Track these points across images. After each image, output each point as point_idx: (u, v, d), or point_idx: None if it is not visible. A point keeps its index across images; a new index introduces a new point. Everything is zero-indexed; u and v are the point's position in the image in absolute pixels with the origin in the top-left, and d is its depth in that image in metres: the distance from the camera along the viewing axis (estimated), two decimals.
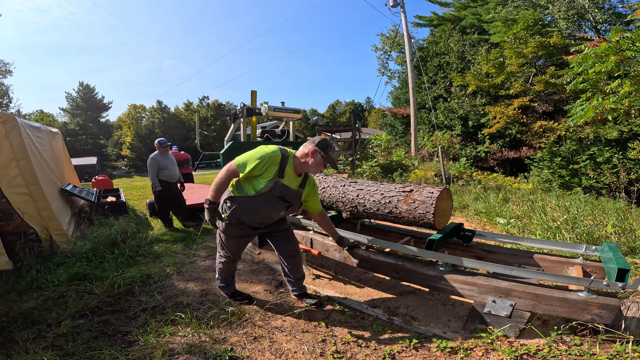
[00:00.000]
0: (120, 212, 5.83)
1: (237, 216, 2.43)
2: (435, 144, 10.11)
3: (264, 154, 2.27)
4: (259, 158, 2.26)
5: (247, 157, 2.30)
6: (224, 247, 2.65)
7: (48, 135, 5.45)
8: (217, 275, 2.86)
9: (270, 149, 2.32)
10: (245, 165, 2.28)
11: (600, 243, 3.65)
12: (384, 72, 27.48)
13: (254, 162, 2.25)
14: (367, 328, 2.40)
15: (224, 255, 2.69)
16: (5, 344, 2.25)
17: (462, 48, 17.06)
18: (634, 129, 9.56)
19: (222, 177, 2.33)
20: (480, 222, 5.34)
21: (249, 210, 2.41)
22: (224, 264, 2.75)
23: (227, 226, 2.49)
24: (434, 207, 2.56)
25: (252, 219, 2.46)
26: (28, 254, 3.64)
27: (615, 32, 5.36)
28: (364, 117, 51.70)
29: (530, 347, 1.93)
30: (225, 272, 2.80)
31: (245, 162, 2.29)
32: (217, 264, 2.81)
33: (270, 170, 2.29)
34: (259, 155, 2.27)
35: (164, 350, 2.10)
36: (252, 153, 2.31)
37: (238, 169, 2.30)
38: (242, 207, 2.40)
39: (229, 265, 2.76)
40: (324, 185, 3.48)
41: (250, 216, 2.44)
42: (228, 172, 2.33)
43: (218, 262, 2.78)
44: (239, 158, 2.32)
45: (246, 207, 2.40)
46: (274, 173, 2.31)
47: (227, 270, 2.79)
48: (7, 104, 29.58)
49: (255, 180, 2.33)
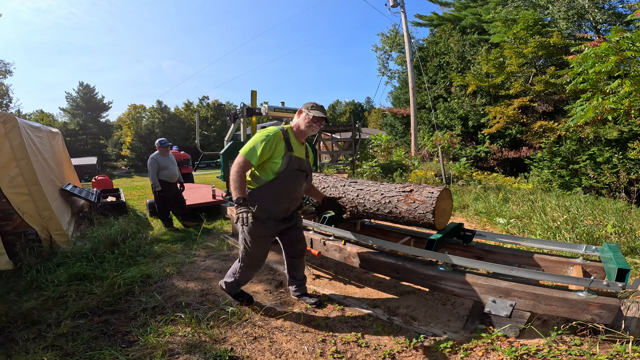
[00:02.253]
0: (120, 212, 5.84)
1: (264, 208, 2.34)
2: (435, 144, 10.11)
3: (267, 134, 2.26)
4: (264, 139, 2.24)
5: (251, 144, 2.27)
6: (249, 253, 2.49)
7: (48, 135, 5.45)
8: (231, 280, 2.66)
9: (269, 129, 2.31)
10: (255, 151, 2.23)
11: (600, 243, 3.65)
12: (384, 72, 27.46)
13: (262, 144, 2.22)
14: (367, 328, 2.40)
15: (249, 262, 2.55)
16: (5, 344, 2.26)
17: (462, 48, 17.06)
18: (634, 129, 9.56)
19: (236, 173, 2.22)
20: (480, 222, 5.34)
21: (274, 196, 2.35)
22: (244, 270, 2.59)
23: (254, 226, 2.32)
24: (434, 207, 2.56)
25: (279, 205, 2.41)
26: (28, 254, 3.64)
27: (615, 32, 5.36)
28: (364, 117, 51.71)
29: (530, 347, 1.93)
30: (244, 278, 2.66)
31: (252, 148, 2.24)
32: (236, 270, 2.63)
33: (279, 147, 2.29)
34: (263, 137, 2.25)
35: (164, 350, 2.10)
36: (255, 138, 2.28)
37: (249, 159, 2.24)
38: (267, 196, 2.34)
39: (250, 272, 2.64)
40: (324, 185, 3.48)
41: (277, 202, 2.39)
42: (240, 167, 2.23)
43: (238, 268, 2.61)
44: (244, 149, 2.26)
45: (271, 193, 2.34)
46: (284, 148, 2.31)
47: (246, 277, 2.66)
48: (7, 104, 29.59)
49: (270, 163, 2.30)
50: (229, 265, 3.71)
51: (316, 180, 3.61)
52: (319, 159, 10.44)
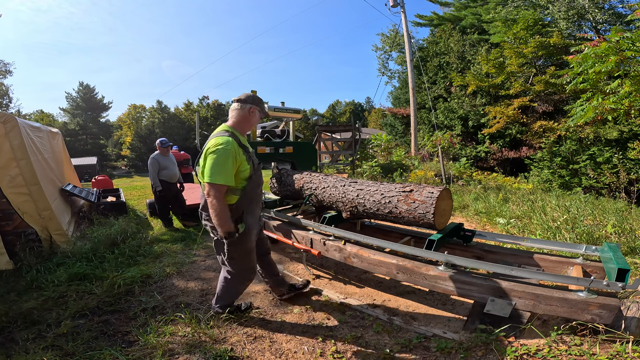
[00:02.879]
0: (120, 212, 5.83)
1: (249, 214, 2.31)
2: (435, 144, 10.11)
3: (226, 147, 2.11)
4: (227, 153, 2.10)
5: (218, 166, 2.09)
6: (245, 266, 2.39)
7: (48, 135, 5.45)
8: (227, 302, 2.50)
9: (220, 140, 2.15)
10: (227, 172, 2.11)
11: (600, 243, 3.65)
12: (384, 72, 27.48)
13: (229, 161, 2.11)
14: (367, 328, 2.40)
15: (246, 275, 2.44)
16: (5, 344, 2.26)
17: (462, 48, 17.06)
18: (634, 129, 9.55)
19: (218, 204, 2.08)
20: (480, 222, 5.34)
21: (252, 201, 2.33)
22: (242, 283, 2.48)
23: (243, 237, 2.26)
24: (434, 207, 2.56)
25: (257, 206, 2.44)
26: (28, 254, 3.64)
27: (615, 32, 5.36)
28: (364, 117, 51.73)
29: (530, 347, 1.93)
30: (240, 293, 2.57)
31: (223, 171, 2.09)
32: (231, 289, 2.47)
33: (239, 152, 2.20)
34: (224, 152, 2.10)
35: (164, 350, 2.10)
36: (217, 159, 2.09)
37: (225, 183, 2.11)
38: (246, 203, 2.28)
39: (247, 283, 2.53)
40: (324, 185, 3.48)
41: (256, 204, 2.42)
42: (220, 194, 2.09)
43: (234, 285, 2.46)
44: (214, 177, 2.07)
45: (248, 199, 2.30)
46: (242, 152, 2.23)
47: (242, 290, 2.57)
48: (7, 104, 29.59)
49: (240, 173, 2.22)
50: None
51: (316, 180, 3.61)
52: (319, 159, 10.44)
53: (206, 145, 2.20)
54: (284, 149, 4.33)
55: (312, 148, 4.78)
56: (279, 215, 3.69)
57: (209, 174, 2.09)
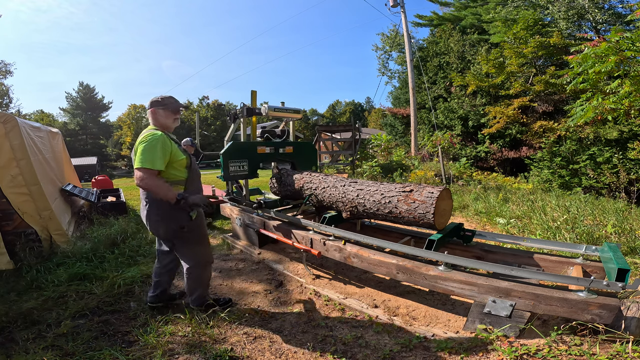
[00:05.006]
0: (120, 212, 5.83)
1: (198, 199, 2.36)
2: (435, 144, 10.11)
3: (154, 136, 2.20)
4: (155, 139, 2.18)
5: (147, 152, 2.14)
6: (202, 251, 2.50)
7: (48, 135, 5.45)
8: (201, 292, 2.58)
9: (147, 132, 2.27)
10: (156, 157, 2.15)
11: (600, 243, 3.65)
12: (384, 72, 27.49)
13: (158, 146, 2.17)
14: (367, 328, 2.39)
15: (205, 259, 2.54)
16: (5, 344, 2.26)
17: (462, 48, 17.06)
18: (634, 129, 9.55)
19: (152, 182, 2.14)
20: (480, 222, 5.34)
21: (197, 187, 2.50)
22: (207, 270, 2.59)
23: (197, 221, 2.41)
24: (434, 207, 2.56)
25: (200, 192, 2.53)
26: (28, 254, 3.64)
27: (615, 32, 5.36)
28: (364, 117, 51.76)
29: (530, 347, 1.93)
30: (209, 278, 2.66)
31: (152, 156, 2.14)
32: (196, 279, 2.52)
33: (169, 142, 2.30)
34: (152, 139, 2.18)
35: (164, 350, 2.10)
36: (146, 146, 2.16)
37: (155, 167, 2.15)
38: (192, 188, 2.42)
39: (209, 268, 2.63)
40: (324, 185, 3.48)
41: (199, 191, 2.52)
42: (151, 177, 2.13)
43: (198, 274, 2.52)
44: (143, 162, 2.12)
45: (195, 188, 2.46)
46: (173, 142, 2.35)
47: (209, 276, 2.66)
48: (7, 104, 29.60)
49: (176, 162, 2.29)
50: (229, 264, 3.71)
51: (316, 180, 3.61)
52: (319, 159, 10.44)
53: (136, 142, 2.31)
54: (284, 149, 4.32)
55: (312, 148, 4.77)
56: (279, 215, 3.69)
57: (139, 160, 2.14)
